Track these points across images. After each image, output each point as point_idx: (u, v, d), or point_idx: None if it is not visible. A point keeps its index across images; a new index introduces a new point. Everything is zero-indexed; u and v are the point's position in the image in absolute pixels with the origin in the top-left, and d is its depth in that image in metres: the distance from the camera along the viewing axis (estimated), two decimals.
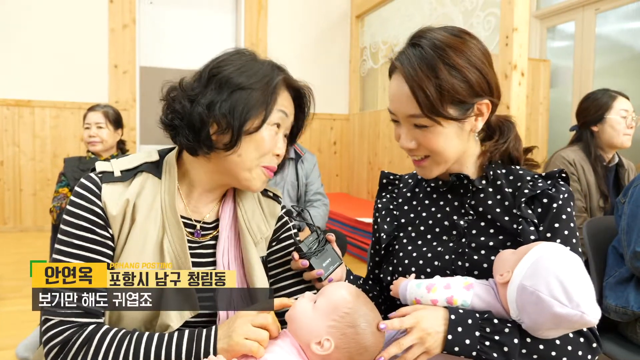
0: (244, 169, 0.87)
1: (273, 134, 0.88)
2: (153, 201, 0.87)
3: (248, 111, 0.84)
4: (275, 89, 0.87)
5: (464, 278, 0.85)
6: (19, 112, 4.20)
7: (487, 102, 0.88)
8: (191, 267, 0.85)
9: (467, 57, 0.85)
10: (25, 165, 4.26)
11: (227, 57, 0.88)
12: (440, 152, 0.89)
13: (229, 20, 4.94)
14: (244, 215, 0.95)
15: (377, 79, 4.84)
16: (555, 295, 0.71)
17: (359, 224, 3.54)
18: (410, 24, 4.21)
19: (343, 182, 5.29)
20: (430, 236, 0.97)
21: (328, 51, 5.15)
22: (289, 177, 2.56)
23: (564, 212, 0.88)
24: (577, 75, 4.35)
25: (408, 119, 0.88)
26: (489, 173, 0.95)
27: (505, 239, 0.89)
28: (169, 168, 0.91)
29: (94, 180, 0.85)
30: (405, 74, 0.85)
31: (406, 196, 1.05)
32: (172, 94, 0.88)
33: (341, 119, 5.24)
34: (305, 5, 5.03)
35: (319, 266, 0.93)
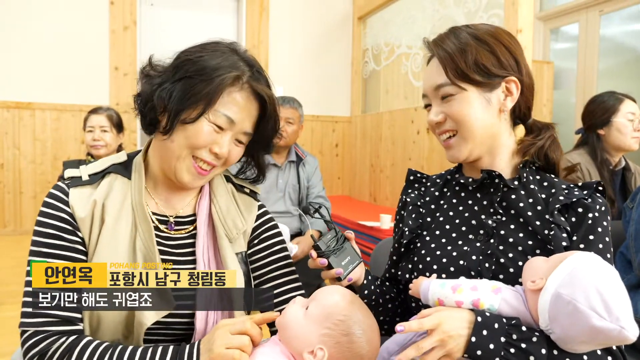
0: (174, 157, 0.86)
1: (211, 131, 0.86)
2: (123, 201, 0.87)
3: (187, 100, 0.84)
4: (221, 84, 0.84)
5: (492, 282, 0.81)
6: (19, 115, 4.18)
7: (515, 80, 0.90)
8: (159, 262, 0.85)
9: (496, 37, 0.90)
10: (26, 168, 4.24)
11: (200, 45, 0.89)
12: (466, 121, 0.89)
13: (230, 22, 4.92)
14: (218, 211, 0.94)
15: (379, 80, 4.81)
16: (594, 306, 0.67)
17: (361, 227, 3.51)
18: (413, 25, 4.18)
19: (345, 184, 5.26)
20: (455, 235, 0.94)
21: (330, 53, 5.13)
22: (290, 180, 2.55)
23: (600, 225, 0.84)
24: (581, 77, 4.32)
25: (436, 91, 0.92)
26: (523, 175, 0.93)
27: (535, 244, 0.86)
28: (137, 168, 0.92)
29: (60, 187, 0.86)
30: (437, 51, 0.91)
31: (434, 195, 1.03)
32: (146, 69, 0.91)
33: (343, 121, 5.22)
34: (306, 7, 5.01)
35: (337, 265, 0.90)
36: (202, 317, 0.86)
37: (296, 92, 4.95)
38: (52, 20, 4.20)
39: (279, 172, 2.54)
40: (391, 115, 4.44)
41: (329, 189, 5.03)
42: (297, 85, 4.94)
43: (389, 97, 4.66)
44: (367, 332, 0.77)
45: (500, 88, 0.90)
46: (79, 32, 4.28)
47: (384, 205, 4.42)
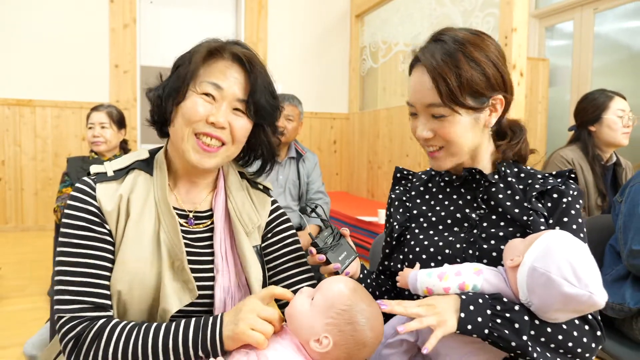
0: (179, 140, 0.91)
1: (202, 102, 0.89)
2: (147, 196, 0.91)
3: (174, 83, 0.90)
4: (194, 56, 0.90)
5: (473, 264, 0.88)
6: (19, 112, 4.21)
7: (501, 98, 0.94)
8: (185, 254, 0.89)
9: (485, 53, 0.92)
10: (27, 164, 4.27)
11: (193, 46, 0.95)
12: (456, 142, 0.94)
13: (229, 19, 4.95)
14: (234, 207, 0.98)
15: (377, 78, 4.85)
16: (565, 275, 0.75)
17: (359, 222, 3.56)
18: (410, 23, 4.22)
19: (343, 180, 5.31)
20: (442, 227, 1.01)
21: (328, 50, 5.16)
22: (290, 176, 2.59)
23: (573, 208, 0.92)
24: (576, 74, 4.37)
25: (427, 109, 0.94)
26: (501, 169, 0.99)
27: (515, 230, 0.93)
28: (159, 164, 0.96)
29: (87, 182, 0.90)
30: (427, 65, 0.91)
31: (419, 190, 1.10)
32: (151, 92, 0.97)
33: (341, 118, 5.26)
34: (305, 4, 5.04)
35: (335, 260, 0.95)
36: (220, 306, 0.91)
37: (295, 89, 5.00)
38: (53, 18, 4.23)
39: (279, 168, 2.58)
40: (388, 113, 4.48)
41: (327, 185, 5.07)
42: (295, 83, 4.97)
43: (386, 94, 4.69)
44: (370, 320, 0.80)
45: (488, 105, 0.94)
46: (79, 30, 4.31)
47: (381, 200, 4.48)
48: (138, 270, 0.86)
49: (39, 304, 2.50)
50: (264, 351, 0.78)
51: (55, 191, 4.28)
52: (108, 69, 4.41)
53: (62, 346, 0.81)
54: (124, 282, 0.85)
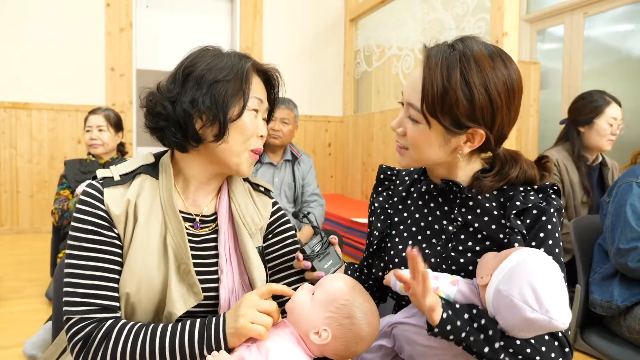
0: (233, 155, 0.94)
1: (253, 118, 0.95)
2: (153, 200, 0.92)
3: (228, 101, 0.91)
4: (247, 75, 0.93)
5: (453, 275, 0.89)
6: (16, 114, 4.21)
7: (482, 133, 0.88)
8: (190, 258, 0.91)
9: (484, 80, 0.85)
10: (22, 167, 4.27)
11: (196, 56, 0.95)
12: (419, 150, 0.93)
13: (224, 23, 4.98)
14: (237, 209, 1.00)
15: (371, 81, 4.88)
16: (527, 300, 0.74)
17: (353, 224, 3.60)
18: (403, 28, 4.27)
19: (337, 183, 5.34)
20: (420, 237, 1.00)
21: (322, 54, 5.19)
22: (285, 178, 2.61)
23: (550, 223, 0.89)
24: (567, 77, 4.44)
25: (407, 106, 0.93)
26: (482, 190, 0.95)
27: (492, 244, 0.92)
28: (164, 168, 0.97)
29: (95, 187, 0.91)
30: (427, 65, 0.89)
31: (401, 195, 1.09)
32: (151, 98, 0.94)
33: (335, 121, 5.29)
34: (300, 9, 5.08)
35: (320, 268, 0.97)
36: (225, 306, 0.93)
37: (290, 93, 5.00)
38: (49, 22, 4.24)
39: (275, 170, 2.61)
40: (382, 116, 4.52)
41: (322, 187, 5.09)
42: (290, 86, 4.93)
43: (380, 97, 4.72)
44: (367, 315, 0.85)
45: (463, 135, 0.89)
46: (75, 33, 4.32)
47: None
48: (145, 273, 0.88)
49: (37, 305, 2.51)
50: (264, 342, 0.81)
51: (51, 194, 4.29)
52: (104, 72, 4.43)
53: (71, 347, 0.83)
54: (132, 284, 0.87)
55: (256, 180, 1.10)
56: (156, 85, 0.95)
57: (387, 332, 0.96)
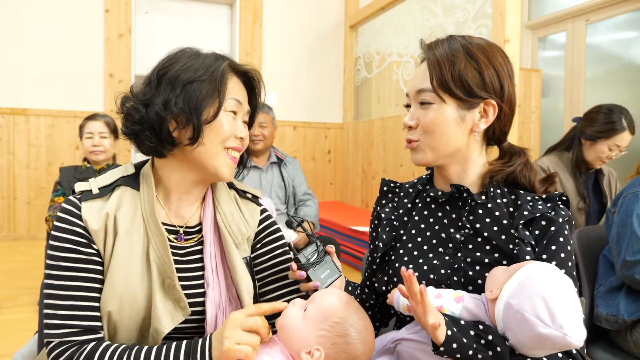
0: (210, 158, 0.90)
1: (231, 120, 0.92)
2: (134, 213, 0.89)
3: (202, 101, 0.87)
4: (223, 75, 0.90)
5: (456, 291, 0.85)
6: (14, 121, 4.19)
7: (494, 104, 0.91)
8: (175, 272, 0.87)
9: (489, 57, 0.91)
10: (20, 173, 4.24)
11: (171, 57, 0.92)
12: (435, 134, 0.91)
13: (224, 29, 4.97)
14: (223, 218, 0.97)
15: (371, 88, 4.87)
16: (539, 314, 0.71)
17: (353, 232, 3.55)
18: (403, 34, 4.25)
19: (337, 190, 5.30)
20: (426, 247, 0.97)
21: (322, 61, 5.18)
22: (275, 180, 2.68)
23: (561, 235, 0.87)
24: (569, 84, 4.41)
25: (417, 95, 0.93)
26: (490, 189, 0.94)
27: (501, 257, 0.89)
28: (145, 179, 0.93)
29: (72, 202, 0.87)
30: (428, 55, 0.92)
31: (407, 207, 1.05)
32: (127, 104, 0.91)
33: (335, 128, 5.27)
34: (299, 15, 5.07)
35: (316, 278, 0.92)
36: (212, 321, 0.89)
37: (289, 99, 5.03)
38: (48, 27, 4.22)
39: (261, 173, 2.66)
40: (383, 122, 4.49)
41: (321, 194, 5.07)
42: (290, 93, 4.98)
43: (380, 104, 4.70)
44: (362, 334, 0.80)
45: (477, 108, 0.91)
46: (74, 39, 4.31)
47: None
48: (128, 290, 0.84)
49: (30, 314, 2.47)
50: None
51: (48, 200, 4.25)
52: (103, 78, 4.41)
53: None
54: (113, 302, 0.83)
55: (243, 186, 1.06)
56: (130, 88, 0.92)
57: (390, 348, 0.92)
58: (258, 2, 4.87)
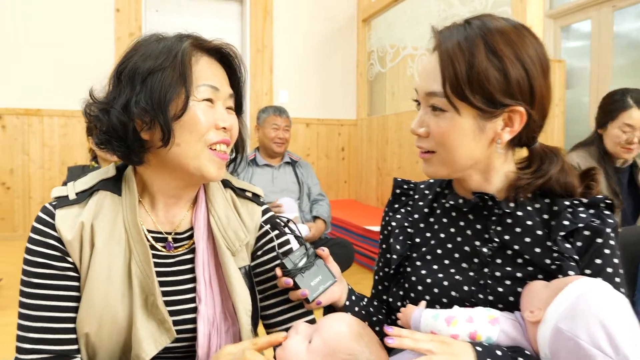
0: (189, 158, 0.78)
1: (206, 109, 0.78)
2: (114, 221, 0.79)
3: (166, 94, 0.75)
4: (184, 57, 0.76)
5: (488, 310, 0.74)
6: (28, 121, 4.21)
7: (522, 111, 0.74)
8: (157, 289, 0.77)
9: (515, 50, 0.73)
10: (34, 173, 4.26)
11: (131, 49, 0.80)
12: (449, 147, 0.77)
13: (234, 27, 4.90)
14: (217, 222, 0.85)
15: (385, 83, 4.74)
16: (599, 343, 0.60)
17: (367, 232, 3.44)
18: (418, 26, 4.12)
19: (351, 188, 5.19)
20: (447, 261, 0.85)
21: (335, 56, 5.07)
22: (289, 178, 2.80)
23: (608, 247, 0.75)
24: (595, 75, 4.19)
25: (427, 97, 0.78)
26: (519, 195, 0.79)
27: (536, 271, 0.76)
28: (127, 183, 0.83)
29: (47, 210, 0.78)
30: (440, 47, 0.76)
31: (423, 212, 0.92)
32: (90, 110, 0.80)
33: (349, 125, 5.15)
34: (310, 10, 4.96)
35: (305, 285, 0.83)
36: (204, 342, 0.80)
37: (301, 96, 4.94)
38: (59, 28, 4.21)
39: (273, 171, 2.78)
40: (397, 118, 4.37)
41: (335, 192, 4.97)
42: (302, 89, 4.90)
43: (395, 99, 4.58)
44: None
45: (500, 117, 0.75)
46: (85, 38, 4.30)
47: None
48: (107, 309, 0.75)
49: None
50: None
51: None
52: None
53: None
54: (91, 322, 0.75)
55: (242, 184, 0.93)
56: (89, 92, 0.81)
57: None
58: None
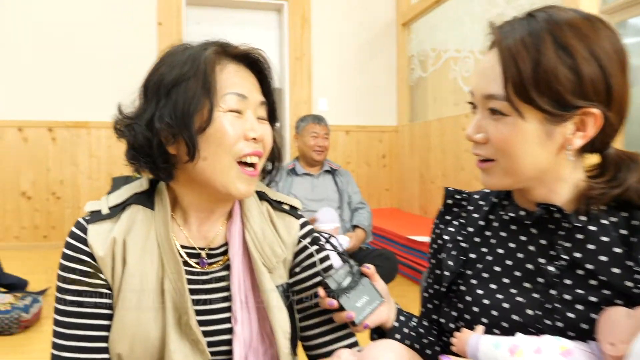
0: (216, 173, 0.74)
1: (233, 120, 0.74)
2: (147, 236, 0.76)
3: (189, 106, 0.71)
4: (207, 65, 0.73)
5: (559, 340, 0.64)
6: (77, 133, 4.37)
7: (597, 113, 0.65)
8: (191, 307, 0.73)
9: (588, 44, 0.64)
10: (83, 183, 4.41)
11: (157, 62, 0.78)
12: (511, 156, 0.69)
13: (273, 36, 4.92)
14: (253, 238, 0.81)
15: (427, 88, 4.62)
16: None
17: (411, 242, 3.32)
18: (462, 28, 3.98)
19: (393, 196, 5.07)
20: (507, 280, 0.76)
21: (374, 61, 4.99)
22: (329, 187, 2.78)
23: None
24: None
25: (485, 100, 0.70)
26: (591, 207, 0.70)
27: (614, 294, 0.66)
28: (160, 196, 0.80)
29: (80, 225, 0.76)
30: (500, 44, 0.68)
31: (478, 225, 0.84)
32: (117, 125, 0.79)
33: (390, 131, 5.05)
34: (349, 15, 4.92)
35: (351, 307, 0.76)
36: None
37: (341, 103, 4.88)
38: (104, 43, 4.36)
39: (313, 180, 2.76)
40: (440, 123, 4.23)
41: (376, 201, 4.87)
42: (341, 96, 4.85)
43: (437, 104, 4.45)
44: None
45: (570, 121, 0.66)
46: (129, 52, 4.42)
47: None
48: (140, 329, 0.72)
49: None
50: None
51: None
52: None
53: None
54: (123, 343, 0.72)
55: (278, 196, 0.88)
56: (117, 107, 0.79)
57: None
58: (306, 5, 4.78)
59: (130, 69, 4.42)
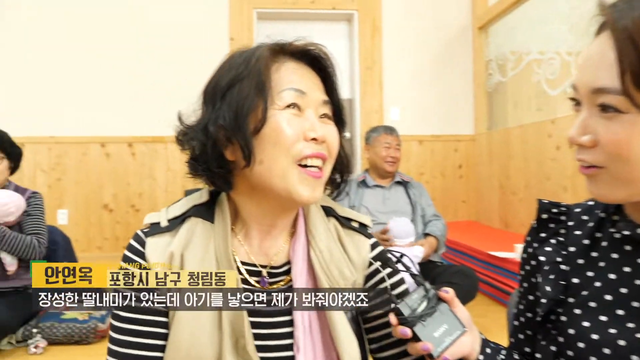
0: (275, 177, 0.69)
1: (292, 118, 0.69)
2: (205, 251, 0.72)
3: (242, 107, 0.67)
4: (259, 63, 0.69)
5: None
6: (154, 148, 4.59)
7: None
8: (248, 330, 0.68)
9: None
10: (160, 196, 4.61)
11: (216, 69, 0.77)
12: (628, 162, 0.58)
13: (343, 46, 4.89)
14: (318, 257, 0.74)
15: (506, 93, 4.36)
16: None
17: (491, 258, 3.09)
18: (545, 27, 3.71)
19: (471, 208, 4.80)
20: (622, 312, 0.64)
21: (449, 68, 4.81)
22: (401, 199, 2.72)
23: None
24: None
25: (593, 95, 0.60)
26: None
27: None
28: (221, 208, 0.75)
29: (138, 238, 0.74)
30: (614, 24, 0.58)
31: (581, 244, 0.72)
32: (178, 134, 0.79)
33: (466, 140, 4.81)
34: (421, 21, 4.78)
35: (427, 337, 0.67)
36: None
37: (414, 112, 4.73)
38: (178, 59, 4.54)
39: (384, 192, 2.72)
40: (522, 130, 3.95)
41: (453, 213, 4.64)
42: (414, 105, 4.70)
43: (518, 110, 4.18)
44: None
45: None
46: (202, 69, 4.55)
47: (518, 232, 3.90)
48: (193, 350, 0.67)
49: None
50: None
51: None
52: None
53: None
54: None
55: (347, 212, 0.81)
56: (177, 116, 0.78)
57: None
58: (377, 14, 4.71)
59: (203, 84, 4.58)
